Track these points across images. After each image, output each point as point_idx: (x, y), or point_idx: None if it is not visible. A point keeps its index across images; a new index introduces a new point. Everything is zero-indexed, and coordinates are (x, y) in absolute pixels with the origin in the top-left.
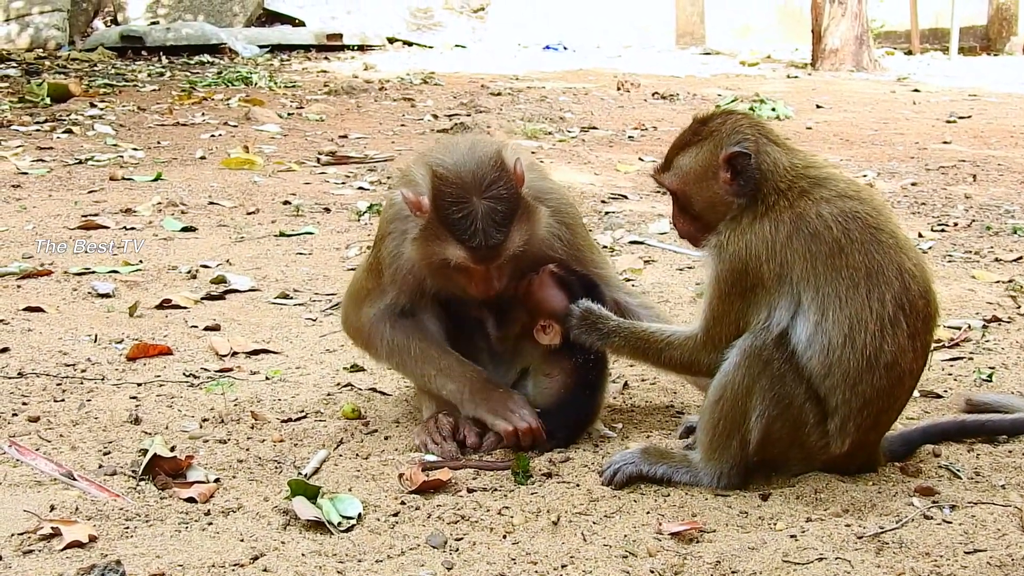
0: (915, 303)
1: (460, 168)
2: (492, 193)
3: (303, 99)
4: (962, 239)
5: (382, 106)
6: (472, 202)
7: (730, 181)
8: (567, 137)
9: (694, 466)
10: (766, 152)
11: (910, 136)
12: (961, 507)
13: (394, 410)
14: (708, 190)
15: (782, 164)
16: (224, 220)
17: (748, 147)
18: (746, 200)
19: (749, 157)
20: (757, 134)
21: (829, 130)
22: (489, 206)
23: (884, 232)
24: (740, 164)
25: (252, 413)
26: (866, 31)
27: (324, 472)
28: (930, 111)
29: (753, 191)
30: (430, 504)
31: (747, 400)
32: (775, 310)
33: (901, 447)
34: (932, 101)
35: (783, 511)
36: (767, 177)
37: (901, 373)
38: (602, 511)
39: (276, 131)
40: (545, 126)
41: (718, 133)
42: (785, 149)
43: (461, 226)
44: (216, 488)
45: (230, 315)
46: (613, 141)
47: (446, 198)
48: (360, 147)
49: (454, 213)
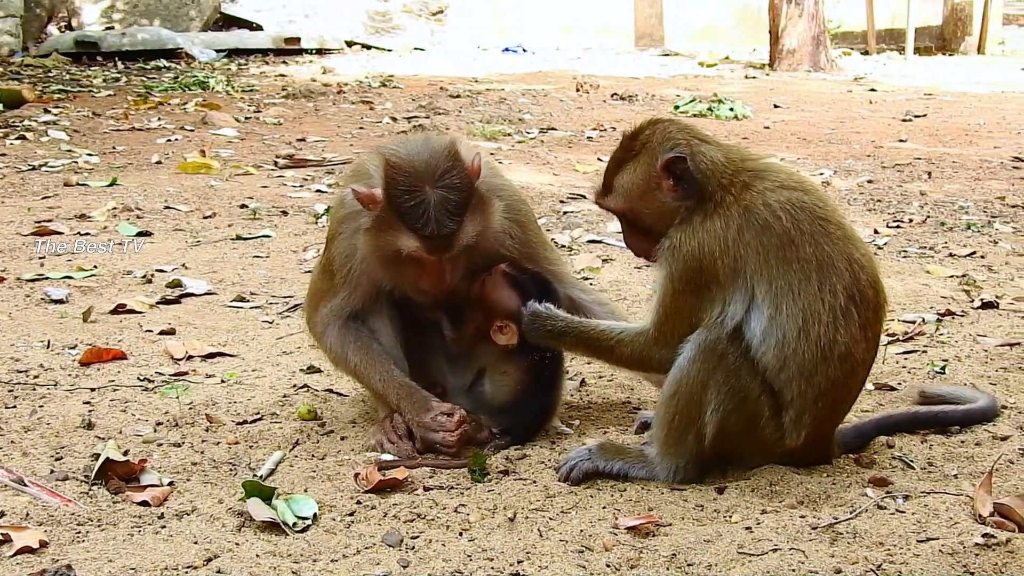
0: (865, 293)
1: (414, 158)
2: (445, 182)
3: (261, 103)
4: (917, 235)
5: (340, 109)
6: (425, 191)
7: (673, 187)
8: (526, 138)
9: (650, 461)
10: (701, 152)
11: (866, 135)
12: (914, 497)
13: (350, 411)
14: (654, 201)
15: (719, 161)
16: (180, 224)
17: (682, 150)
18: (691, 202)
19: (685, 160)
20: (688, 137)
21: (787, 129)
22: (442, 195)
23: (832, 223)
24: (678, 168)
25: (207, 416)
26: (823, 32)
27: (279, 473)
28: (886, 110)
29: (697, 192)
30: (386, 503)
31: (702, 394)
32: (729, 305)
33: (855, 439)
34: (888, 100)
35: (738, 504)
36: (707, 176)
37: (855, 364)
38: (558, 507)
39: (233, 135)
40: (504, 127)
41: (650, 144)
42: (718, 146)
43: (413, 215)
44: (170, 491)
45: (186, 319)
46: (572, 142)
47: (399, 187)
48: (318, 150)
49: (407, 202)
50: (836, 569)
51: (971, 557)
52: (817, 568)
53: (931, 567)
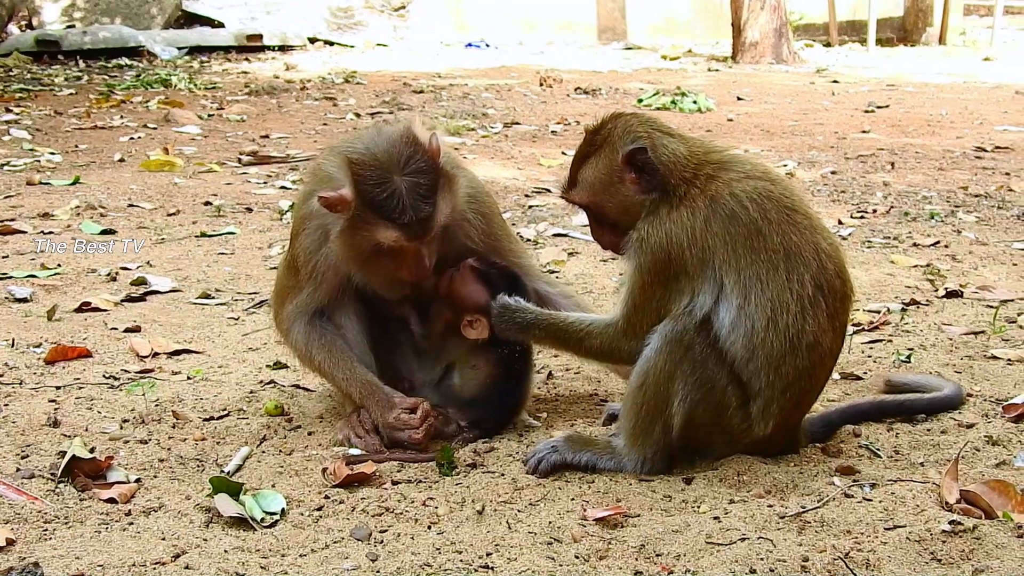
0: (832, 283)
1: (374, 150)
2: (412, 168)
3: (224, 100)
4: (881, 225)
5: (304, 106)
6: (394, 180)
7: (636, 180)
8: (490, 133)
9: (618, 452)
10: (663, 144)
11: (830, 126)
12: (881, 485)
13: (317, 406)
14: (618, 195)
15: (681, 152)
16: (144, 222)
17: (644, 142)
18: (656, 195)
19: (646, 151)
20: (649, 129)
21: (750, 121)
22: (412, 181)
23: (798, 213)
24: (640, 160)
25: (173, 413)
26: (785, 24)
27: (247, 469)
28: (849, 101)
29: (661, 184)
30: (354, 497)
31: (669, 385)
32: (698, 295)
33: (822, 428)
34: (851, 92)
35: (706, 494)
36: (670, 167)
37: (822, 353)
38: (527, 499)
39: (196, 132)
40: (468, 122)
41: (611, 137)
42: (680, 138)
43: (388, 206)
44: (137, 488)
45: (151, 316)
46: (536, 136)
47: (367, 182)
48: (282, 147)
49: (379, 195)
50: (804, 557)
51: (938, 544)
52: (785, 557)
53: (899, 555)
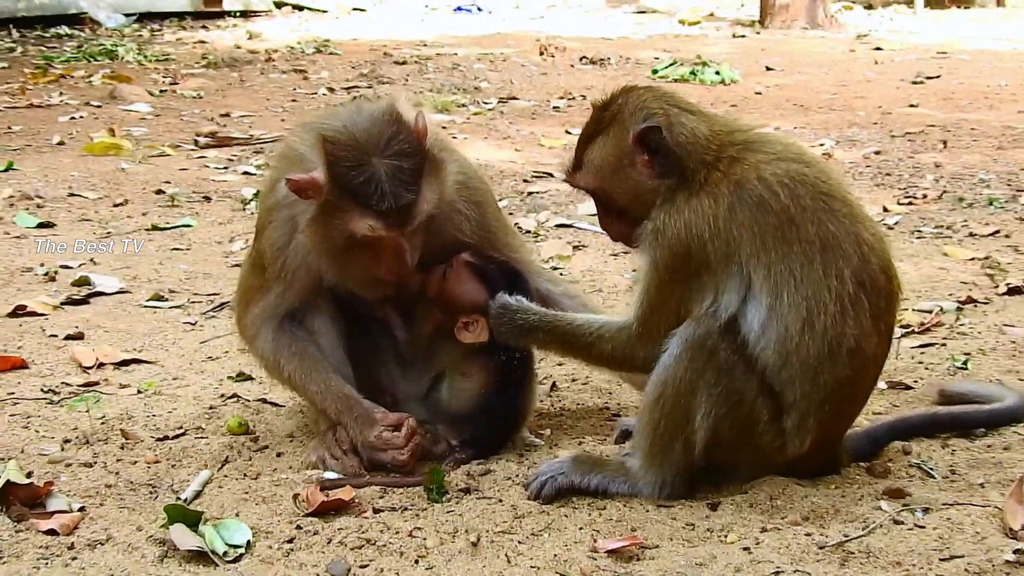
0: (876, 279)
1: (353, 129)
2: (393, 150)
3: (178, 74)
4: (932, 212)
5: (270, 80)
6: (372, 163)
7: (648, 162)
8: (483, 109)
9: (632, 475)
10: (680, 123)
11: (872, 100)
12: (935, 509)
13: (287, 423)
14: (628, 180)
15: (701, 132)
16: (87, 214)
17: (658, 121)
18: (674, 180)
19: (661, 131)
20: (665, 105)
21: (781, 95)
22: (392, 164)
23: (836, 199)
24: (654, 141)
25: (122, 431)
26: None
27: (207, 496)
28: (894, 71)
29: (678, 168)
30: (330, 528)
31: (691, 397)
32: (722, 294)
33: (867, 445)
34: (896, 60)
35: (734, 521)
36: (688, 149)
37: (865, 359)
38: (529, 529)
39: (147, 111)
40: (458, 97)
41: (622, 114)
42: (701, 116)
43: (365, 192)
44: (81, 518)
45: (95, 321)
46: (536, 112)
47: (343, 164)
48: (244, 126)
49: (355, 178)
50: None
51: None
52: None
53: None
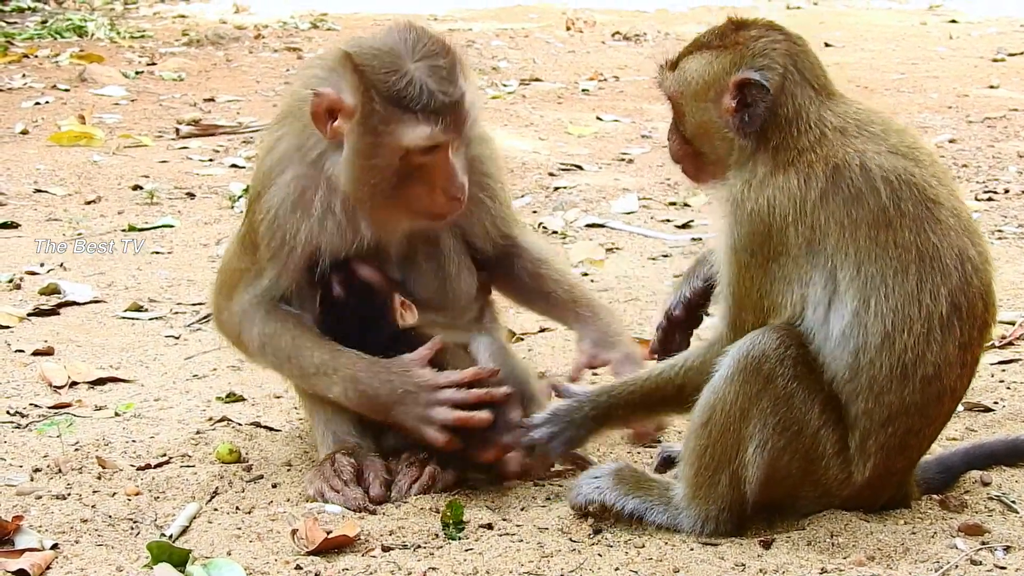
0: (974, 304)
1: (378, 42)
2: (425, 51)
3: (155, 53)
4: (1015, 209)
5: (259, 59)
6: (408, 66)
7: (733, 111)
8: (502, 92)
9: (674, 504)
10: (791, 93)
11: (946, 80)
12: (1017, 548)
13: (284, 450)
14: (705, 113)
15: (809, 113)
16: (55, 212)
17: (770, 79)
18: (751, 143)
19: (767, 92)
20: (789, 65)
21: (842, 75)
22: (428, 64)
23: (944, 207)
24: (751, 96)
25: (98, 459)
26: None
27: (195, 532)
28: (971, 47)
29: (760, 134)
30: (333, 568)
31: (741, 426)
32: (807, 287)
33: (940, 475)
34: (974, 35)
35: (790, 561)
36: (783, 125)
37: (941, 391)
38: (557, 569)
39: (121, 95)
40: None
41: (743, 47)
42: (822, 94)
43: (410, 94)
44: (54, 557)
45: (67, 335)
46: (563, 96)
47: (379, 72)
48: (231, 113)
49: (396, 83)
50: None
51: None
52: None
53: None
